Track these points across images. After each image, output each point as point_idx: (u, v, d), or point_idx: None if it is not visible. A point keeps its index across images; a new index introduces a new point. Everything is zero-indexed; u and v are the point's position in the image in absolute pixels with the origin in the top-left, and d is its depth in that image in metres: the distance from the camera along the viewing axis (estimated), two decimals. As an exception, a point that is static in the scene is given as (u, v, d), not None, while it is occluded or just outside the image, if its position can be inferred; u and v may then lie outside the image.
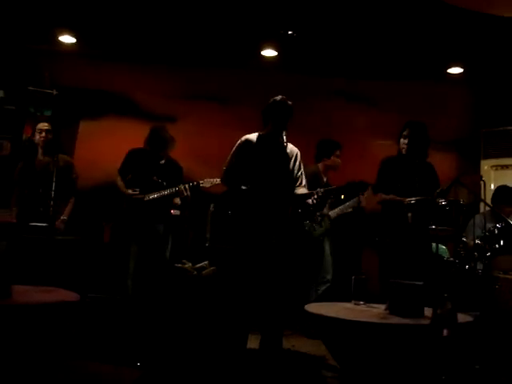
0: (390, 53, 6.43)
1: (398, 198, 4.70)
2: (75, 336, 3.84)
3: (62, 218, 5.18)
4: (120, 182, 5.21)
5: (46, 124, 5.33)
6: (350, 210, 5.64)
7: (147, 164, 5.21)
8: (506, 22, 5.21)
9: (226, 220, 4.49)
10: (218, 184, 4.96)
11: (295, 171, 4.22)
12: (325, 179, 5.66)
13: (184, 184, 5.08)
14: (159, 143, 5.23)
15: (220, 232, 5.78)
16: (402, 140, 4.87)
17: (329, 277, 5.53)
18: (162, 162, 5.28)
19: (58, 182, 4.87)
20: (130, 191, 5.11)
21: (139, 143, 5.37)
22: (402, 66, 6.73)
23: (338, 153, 5.71)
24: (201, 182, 5.14)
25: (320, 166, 5.70)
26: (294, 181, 4.20)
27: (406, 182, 4.78)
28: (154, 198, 5.09)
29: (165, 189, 5.11)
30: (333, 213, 5.60)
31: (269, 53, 6.59)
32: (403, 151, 4.86)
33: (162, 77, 6.93)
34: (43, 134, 5.27)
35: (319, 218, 5.50)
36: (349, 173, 5.21)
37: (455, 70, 6.85)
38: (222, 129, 6.66)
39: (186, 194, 5.01)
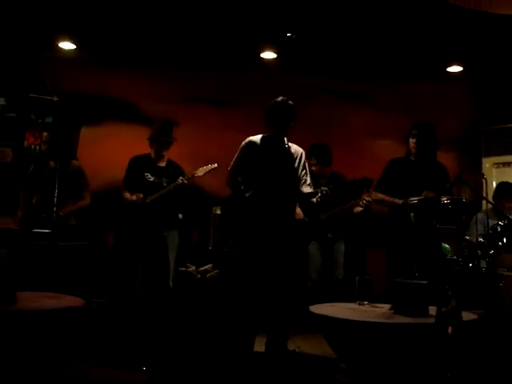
0: (389, 52, 6.42)
1: (392, 199, 4.72)
2: (80, 342, 3.85)
3: (59, 212, 5.13)
4: (126, 194, 5.24)
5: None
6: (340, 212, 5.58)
7: (148, 169, 5.23)
8: (505, 20, 5.22)
9: (232, 223, 4.47)
10: (214, 169, 5.17)
11: (299, 171, 4.22)
12: None
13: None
14: (164, 127, 5.32)
15: (227, 235, 5.77)
16: (410, 139, 4.89)
17: (340, 276, 5.55)
18: (163, 164, 5.31)
19: (66, 187, 4.94)
20: (133, 197, 5.13)
21: (141, 148, 5.38)
22: (401, 65, 6.73)
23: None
24: (194, 172, 5.19)
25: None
26: (298, 181, 4.20)
27: (413, 183, 4.77)
28: (155, 199, 5.10)
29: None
30: (324, 215, 5.58)
31: (268, 55, 6.59)
32: (413, 150, 4.87)
33: (163, 81, 6.93)
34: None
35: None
36: (349, 173, 5.22)
37: (455, 69, 6.86)
38: (223, 132, 6.68)
39: (181, 182, 5.07)
